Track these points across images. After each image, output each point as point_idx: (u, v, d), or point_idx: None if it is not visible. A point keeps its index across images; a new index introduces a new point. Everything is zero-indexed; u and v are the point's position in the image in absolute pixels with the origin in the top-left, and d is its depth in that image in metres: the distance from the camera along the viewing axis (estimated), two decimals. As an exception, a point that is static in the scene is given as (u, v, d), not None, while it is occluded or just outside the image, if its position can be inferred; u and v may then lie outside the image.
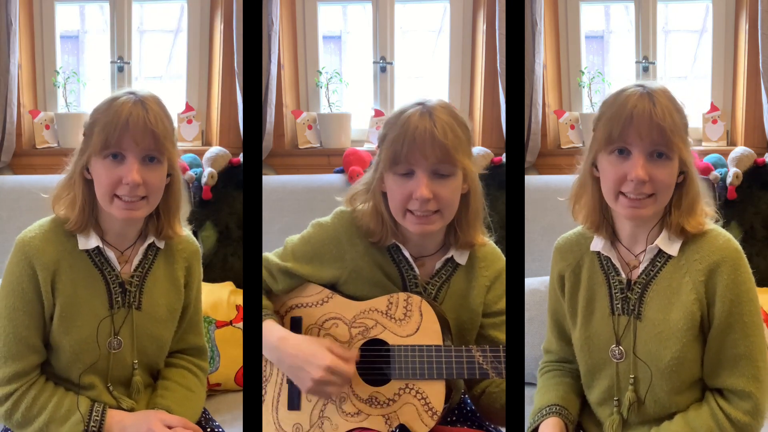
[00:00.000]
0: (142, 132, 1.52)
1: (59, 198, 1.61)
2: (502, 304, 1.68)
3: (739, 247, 1.50)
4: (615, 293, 1.56)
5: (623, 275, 1.56)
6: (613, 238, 1.57)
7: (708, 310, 1.49)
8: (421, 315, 1.58)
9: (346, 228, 1.65)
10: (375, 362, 1.60)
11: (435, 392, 1.55)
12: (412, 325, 1.58)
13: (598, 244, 1.58)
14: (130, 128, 1.52)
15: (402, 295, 1.60)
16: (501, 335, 1.67)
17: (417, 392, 1.56)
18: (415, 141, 1.51)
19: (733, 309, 1.47)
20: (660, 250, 1.52)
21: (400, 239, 1.64)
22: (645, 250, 1.54)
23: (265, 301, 1.67)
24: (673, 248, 1.51)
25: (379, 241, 1.63)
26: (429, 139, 1.51)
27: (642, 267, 1.54)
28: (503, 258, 1.71)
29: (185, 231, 1.72)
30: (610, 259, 1.57)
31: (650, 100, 1.44)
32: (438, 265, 1.66)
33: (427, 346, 1.56)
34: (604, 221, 1.56)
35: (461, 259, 1.66)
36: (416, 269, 1.64)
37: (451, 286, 1.66)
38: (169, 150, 1.57)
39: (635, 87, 1.48)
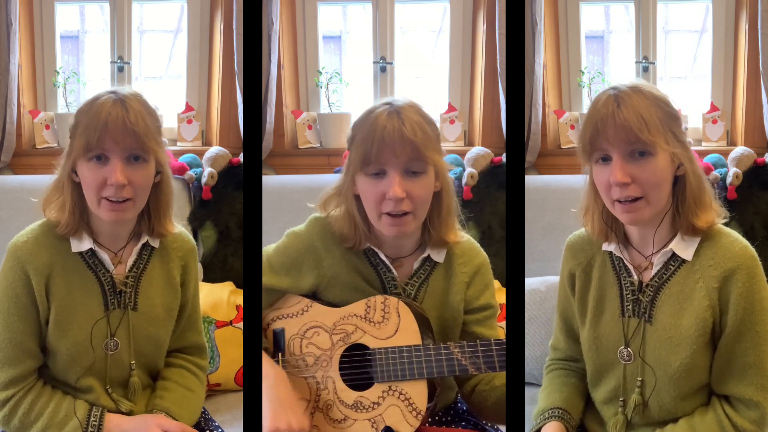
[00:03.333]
0: (122, 132, 1.50)
1: (49, 202, 1.60)
2: (483, 300, 1.68)
3: (755, 255, 1.47)
4: (626, 295, 1.55)
5: (635, 277, 1.54)
6: (624, 240, 1.56)
7: (720, 317, 1.47)
8: (399, 316, 1.58)
9: (320, 235, 1.65)
10: (358, 367, 1.60)
11: (417, 392, 1.55)
12: (391, 327, 1.58)
13: (610, 244, 1.57)
14: (109, 129, 1.50)
15: (379, 298, 1.60)
16: (485, 331, 1.67)
17: (400, 393, 1.56)
18: (385, 140, 1.51)
19: (745, 318, 1.45)
20: (674, 254, 1.50)
21: (375, 242, 1.63)
22: (655, 252, 1.52)
23: None
24: (687, 252, 1.49)
25: (353, 246, 1.63)
26: (398, 138, 1.51)
27: (655, 270, 1.52)
28: (482, 253, 1.71)
29: (178, 228, 1.70)
30: (622, 260, 1.55)
31: (614, 100, 1.42)
32: (416, 265, 1.65)
33: (406, 347, 1.56)
34: (610, 231, 1.55)
35: (439, 257, 1.65)
36: (394, 271, 1.64)
37: (430, 285, 1.65)
38: (155, 148, 1.55)
39: (606, 90, 1.45)
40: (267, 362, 1.59)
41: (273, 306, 1.69)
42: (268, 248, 1.69)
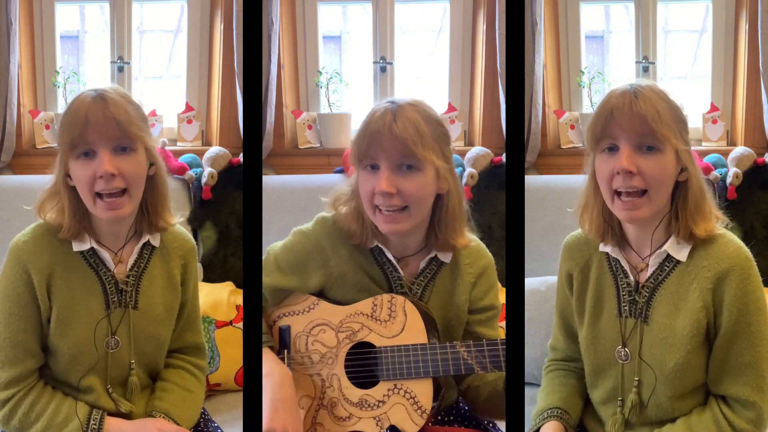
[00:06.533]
0: (104, 122, 1.51)
1: (45, 208, 1.60)
2: (487, 301, 1.68)
3: (750, 256, 1.48)
4: (623, 295, 1.55)
5: (632, 278, 1.55)
6: (621, 241, 1.56)
7: (715, 318, 1.47)
8: (406, 315, 1.58)
9: (328, 234, 1.65)
10: (363, 365, 1.61)
11: (423, 391, 1.56)
12: (397, 325, 1.59)
13: (606, 245, 1.57)
14: (90, 122, 1.51)
15: (386, 297, 1.61)
16: (487, 331, 1.68)
17: (405, 392, 1.56)
18: (374, 136, 1.53)
19: (740, 318, 1.45)
20: (668, 255, 1.51)
21: (381, 240, 1.64)
22: (652, 253, 1.52)
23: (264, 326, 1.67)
24: (681, 254, 1.49)
25: (360, 242, 1.63)
26: (387, 133, 1.52)
27: (650, 271, 1.52)
28: (488, 254, 1.71)
29: (178, 225, 1.71)
30: (618, 261, 1.56)
31: (632, 93, 1.44)
32: (422, 264, 1.65)
33: (412, 345, 1.57)
34: (609, 229, 1.55)
35: (445, 257, 1.66)
36: (400, 270, 1.64)
37: (436, 285, 1.65)
38: (140, 135, 1.55)
39: (623, 85, 1.47)
40: (272, 360, 1.60)
41: (280, 303, 1.69)
42: (275, 246, 1.70)
